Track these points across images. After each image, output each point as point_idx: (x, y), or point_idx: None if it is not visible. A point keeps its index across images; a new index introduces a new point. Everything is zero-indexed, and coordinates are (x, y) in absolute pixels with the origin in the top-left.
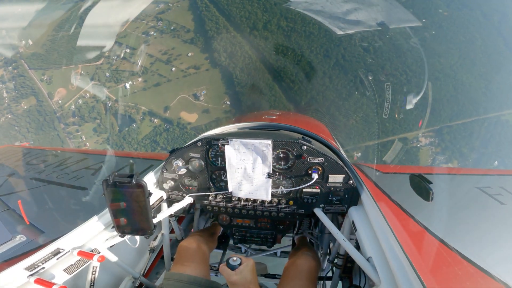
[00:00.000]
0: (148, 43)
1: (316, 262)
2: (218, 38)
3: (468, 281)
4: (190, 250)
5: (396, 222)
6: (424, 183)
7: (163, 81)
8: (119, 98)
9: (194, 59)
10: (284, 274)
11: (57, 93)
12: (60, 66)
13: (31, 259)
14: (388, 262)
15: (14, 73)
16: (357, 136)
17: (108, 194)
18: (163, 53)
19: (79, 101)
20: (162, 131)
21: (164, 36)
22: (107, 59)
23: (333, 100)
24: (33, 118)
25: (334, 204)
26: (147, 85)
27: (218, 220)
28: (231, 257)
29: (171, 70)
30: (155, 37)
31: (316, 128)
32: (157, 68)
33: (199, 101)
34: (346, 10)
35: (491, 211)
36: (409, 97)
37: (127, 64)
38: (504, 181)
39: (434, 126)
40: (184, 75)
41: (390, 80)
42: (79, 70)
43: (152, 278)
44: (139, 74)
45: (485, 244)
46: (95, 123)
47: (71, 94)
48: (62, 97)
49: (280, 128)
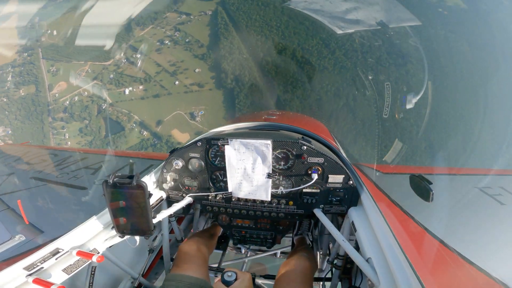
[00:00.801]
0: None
1: (311, 262)
2: (229, 59)
3: (468, 282)
4: (190, 253)
5: (396, 222)
6: (424, 183)
7: (164, 93)
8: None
9: (200, 75)
10: (279, 275)
11: (58, 86)
12: (71, 60)
13: (30, 259)
14: (388, 263)
15: (26, 60)
16: (357, 136)
17: (108, 195)
18: (171, 64)
19: (76, 98)
20: (149, 145)
21: (177, 47)
22: (116, 61)
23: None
24: (25, 106)
25: (333, 204)
26: (146, 94)
27: (218, 221)
28: (226, 272)
29: (174, 83)
30: (168, 47)
31: (316, 128)
32: (161, 79)
33: (194, 121)
34: (346, 9)
35: (491, 211)
36: (409, 96)
37: (133, 70)
38: (504, 181)
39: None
40: (186, 90)
41: (390, 80)
42: (86, 67)
43: (151, 278)
44: (142, 82)
45: (485, 244)
46: (83, 123)
47: (71, 89)
48: (61, 91)
49: (280, 128)
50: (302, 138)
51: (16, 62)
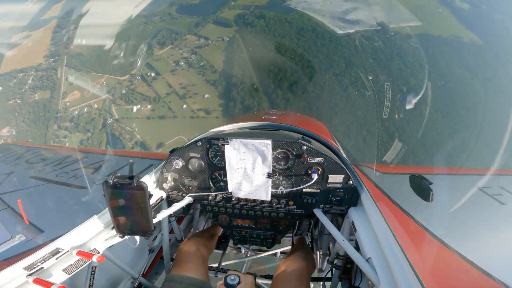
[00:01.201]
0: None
1: (308, 262)
2: (240, 87)
3: (468, 282)
4: (190, 253)
5: (396, 222)
6: (424, 183)
7: (170, 115)
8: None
9: (208, 102)
10: (275, 275)
11: (71, 95)
12: (90, 71)
13: (30, 259)
14: (388, 263)
15: (51, 65)
16: (357, 136)
17: (108, 195)
18: (182, 86)
19: (85, 109)
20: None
21: (191, 70)
22: (132, 76)
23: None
24: (35, 110)
25: (333, 204)
26: (152, 114)
27: (218, 221)
28: (229, 275)
29: (182, 106)
30: (182, 69)
31: (316, 128)
32: (170, 100)
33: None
34: (346, 9)
35: (491, 211)
36: (409, 97)
37: (145, 88)
38: (504, 181)
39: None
40: (192, 116)
41: (390, 80)
42: (102, 79)
43: (151, 278)
44: (150, 101)
45: (485, 244)
46: (85, 136)
47: (82, 99)
48: (73, 100)
49: (280, 128)
50: (302, 138)
51: (41, 66)
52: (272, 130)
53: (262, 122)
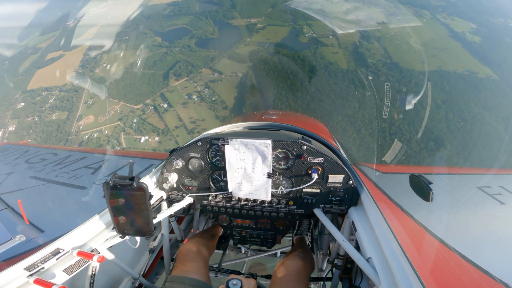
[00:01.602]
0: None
1: (307, 262)
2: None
3: (468, 282)
4: (191, 254)
5: (396, 222)
6: (424, 183)
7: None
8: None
9: None
10: (273, 276)
11: (86, 118)
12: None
13: (31, 259)
14: (388, 263)
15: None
16: (357, 136)
17: (109, 196)
18: (192, 120)
19: (95, 134)
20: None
21: (202, 104)
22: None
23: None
24: (49, 130)
25: (334, 204)
26: (159, 147)
27: (218, 221)
28: (231, 280)
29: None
30: (194, 102)
31: (316, 128)
32: (178, 134)
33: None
34: (346, 9)
35: (491, 211)
36: (409, 97)
37: (155, 119)
38: (504, 181)
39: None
40: None
41: (390, 80)
42: (117, 106)
43: (151, 278)
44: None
45: (485, 244)
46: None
47: (95, 124)
48: (86, 124)
49: (280, 128)
50: (302, 138)
51: (65, 87)
52: (272, 130)
53: (262, 122)
